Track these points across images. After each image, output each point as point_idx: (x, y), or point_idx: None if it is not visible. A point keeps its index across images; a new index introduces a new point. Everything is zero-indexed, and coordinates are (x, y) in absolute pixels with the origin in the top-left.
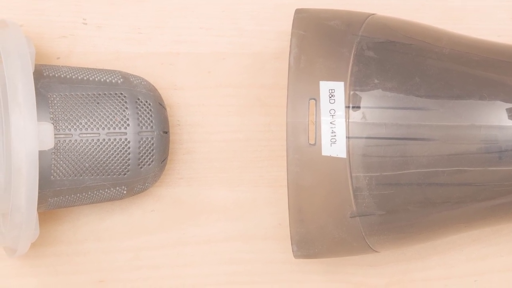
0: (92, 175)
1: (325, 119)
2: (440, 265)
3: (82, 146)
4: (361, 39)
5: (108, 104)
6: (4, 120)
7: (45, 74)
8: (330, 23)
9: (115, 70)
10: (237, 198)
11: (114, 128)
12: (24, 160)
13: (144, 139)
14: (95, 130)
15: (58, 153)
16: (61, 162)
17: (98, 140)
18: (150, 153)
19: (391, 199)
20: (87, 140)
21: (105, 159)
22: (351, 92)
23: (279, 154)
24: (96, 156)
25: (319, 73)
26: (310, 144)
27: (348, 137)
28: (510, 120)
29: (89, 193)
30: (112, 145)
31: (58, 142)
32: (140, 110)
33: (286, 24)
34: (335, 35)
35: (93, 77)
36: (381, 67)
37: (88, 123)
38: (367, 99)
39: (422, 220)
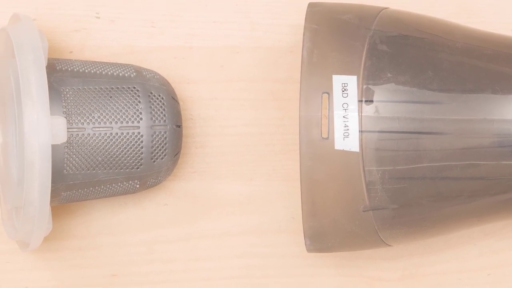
0: (105, 169)
1: (338, 113)
2: (453, 259)
3: (95, 140)
4: (374, 33)
5: (121, 98)
6: (17, 114)
7: (58, 68)
8: (343, 17)
9: (128, 64)
10: (250, 192)
11: (127, 122)
12: (37, 154)
13: (157, 133)
14: (108, 124)
15: (71, 147)
16: (74, 156)
17: (111, 134)
18: (163, 147)
19: (404, 193)
20: (100, 134)
21: (118, 153)
22: (364, 86)
23: (292, 148)
24: (109, 150)
25: (332, 67)
26: (323, 138)
27: (361, 131)
28: None
29: (102, 187)
30: (125, 139)
31: (71, 136)
32: (153, 104)
33: (299, 18)
34: (348, 29)
35: (106, 71)
36: (394, 61)
37: (101, 117)
38: (380, 93)
39: (435, 214)
